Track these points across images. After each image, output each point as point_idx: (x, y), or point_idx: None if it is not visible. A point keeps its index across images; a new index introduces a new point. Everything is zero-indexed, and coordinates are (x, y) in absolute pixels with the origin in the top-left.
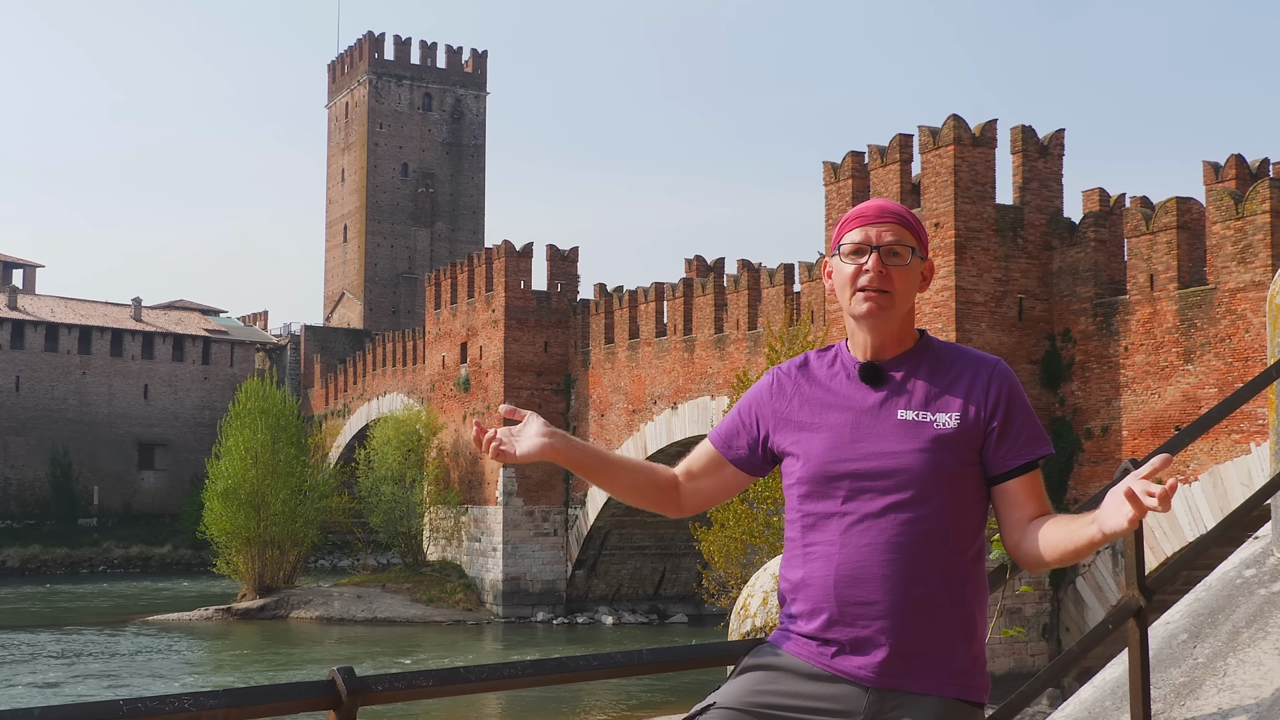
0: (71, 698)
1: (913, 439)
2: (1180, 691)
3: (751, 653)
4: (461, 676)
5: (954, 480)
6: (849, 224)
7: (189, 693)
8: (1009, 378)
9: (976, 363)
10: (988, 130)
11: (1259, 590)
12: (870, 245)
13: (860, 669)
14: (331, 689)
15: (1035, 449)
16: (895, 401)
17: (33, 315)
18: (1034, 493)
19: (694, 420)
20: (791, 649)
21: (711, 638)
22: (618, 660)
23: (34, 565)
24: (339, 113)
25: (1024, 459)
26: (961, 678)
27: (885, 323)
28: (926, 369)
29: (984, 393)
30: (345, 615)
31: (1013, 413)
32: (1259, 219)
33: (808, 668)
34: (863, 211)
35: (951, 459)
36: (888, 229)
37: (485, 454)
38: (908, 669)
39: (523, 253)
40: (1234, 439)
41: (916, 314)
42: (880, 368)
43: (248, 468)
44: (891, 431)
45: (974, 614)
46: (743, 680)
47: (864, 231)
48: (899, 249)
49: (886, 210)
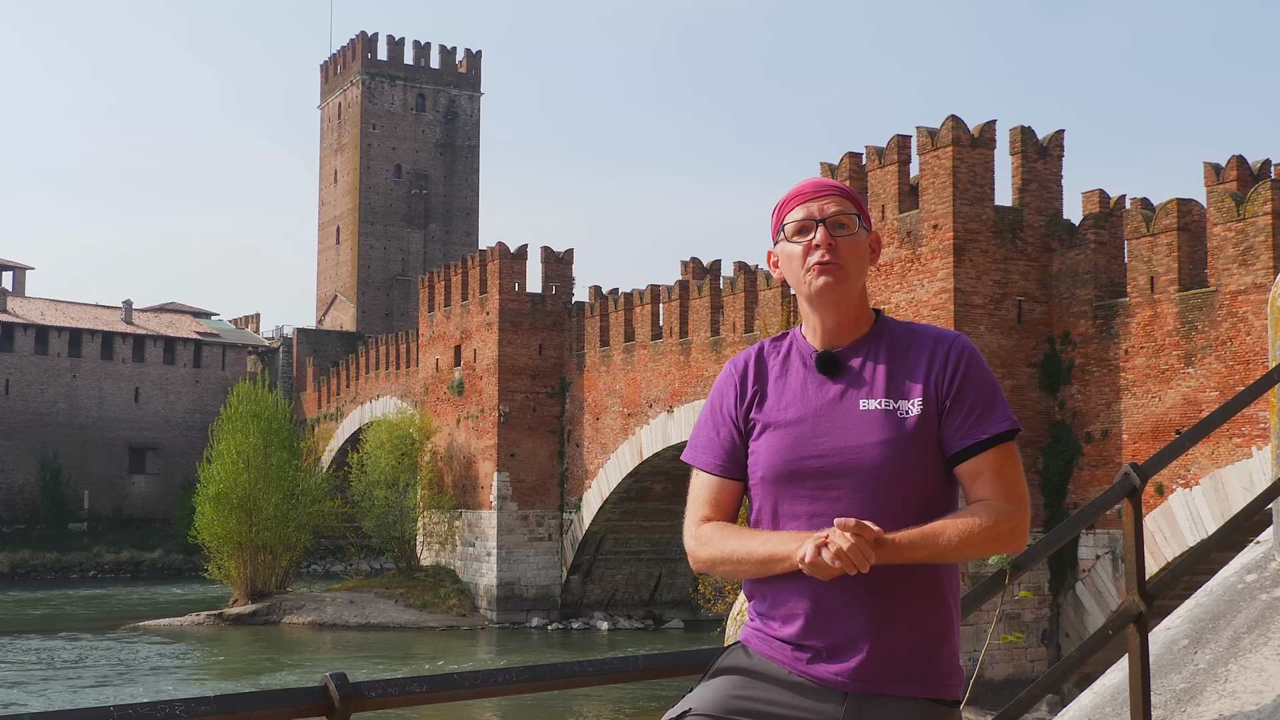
0: (62, 704)
1: (876, 430)
2: (1181, 698)
3: (725, 654)
4: (455, 682)
5: (922, 471)
6: (789, 204)
7: (180, 699)
8: (968, 350)
9: (935, 341)
10: (986, 131)
11: (1260, 595)
12: (815, 219)
13: (837, 675)
14: (325, 695)
15: (986, 428)
16: (855, 392)
17: (22, 318)
18: (985, 475)
19: (690, 424)
20: (765, 651)
21: (707, 643)
22: (613, 666)
23: (24, 570)
24: (332, 113)
25: (973, 438)
26: (941, 679)
27: (842, 298)
28: (885, 353)
29: (941, 369)
30: (338, 621)
31: (966, 388)
32: (1260, 220)
33: (783, 674)
34: (800, 190)
35: (917, 448)
36: (829, 201)
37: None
38: (885, 673)
39: (517, 255)
40: (1235, 443)
41: (916, 318)
42: (838, 357)
43: (240, 472)
44: (854, 425)
45: (951, 613)
46: (718, 684)
47: (805, 208)
48: (844, 219)
49: (824, 185)
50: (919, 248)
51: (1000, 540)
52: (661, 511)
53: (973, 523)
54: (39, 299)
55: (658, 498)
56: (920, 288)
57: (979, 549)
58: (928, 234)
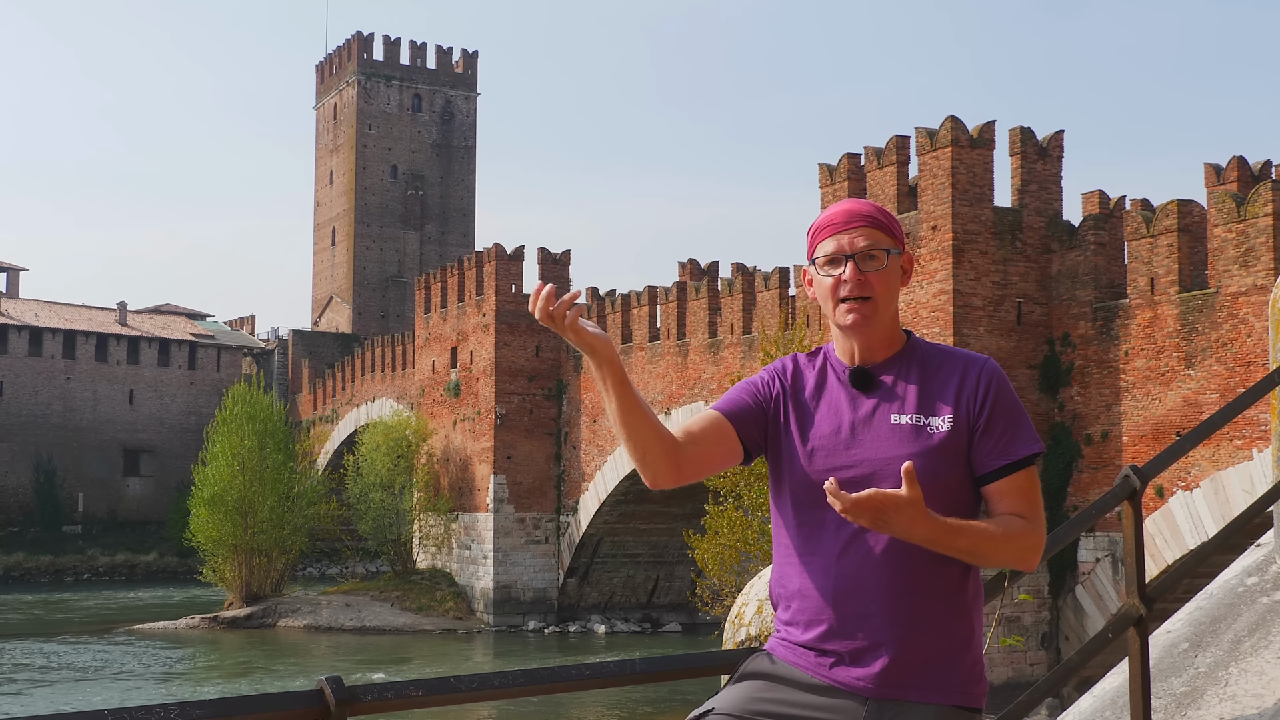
0: (55, 708)
1: (907, 444)
2: (1181, 701)
3: (749, 660)
4: (452, 686)
5: (949, 485)
6: (820, 234)
7: (175, 702)
8: (997, 376)
9: (965, 362)
10: (986, 132)
11: (1261, 598)
12: (844, 254)
13: (859, 680)
14: (320, 699)
15: (1016, 449)
16: (887, 406)
17: (16, 319)
18: (1012, 494)
19: None
20: (788, 658)
21: (705, 647)
22: (610, 670)
23: (18, 573)
24: (327, 114)
25: (1005, 460)
26: (963, 685)
27: (872, 329)
28: (916, 372)
29: (973, 392)
30: (333, 624)
31: (997, 412)
32: (1261, 222)
33: (806, 678)
34: (831, 219)
35: (946, 464)
36: (859, 234)
37: (550, 309)
38: (907, 679)
39: (514, 256)
40: (1236, 445)
41: (915, 320)
42: (870, 373)
43: (235, 474)
44: (885, 438)
45: (972, 620)
46: (741, 688)
47: (836, 241)
48: (874, 253)
49: (855, 214)
50: (918, 249)
51: (1025, 554)
52: (659, 514)
53: (1009, 530)
54: (33, 300)
55: (655, 500)
56: (919, 289)
57: (1009, 556)
58: (926, 235)
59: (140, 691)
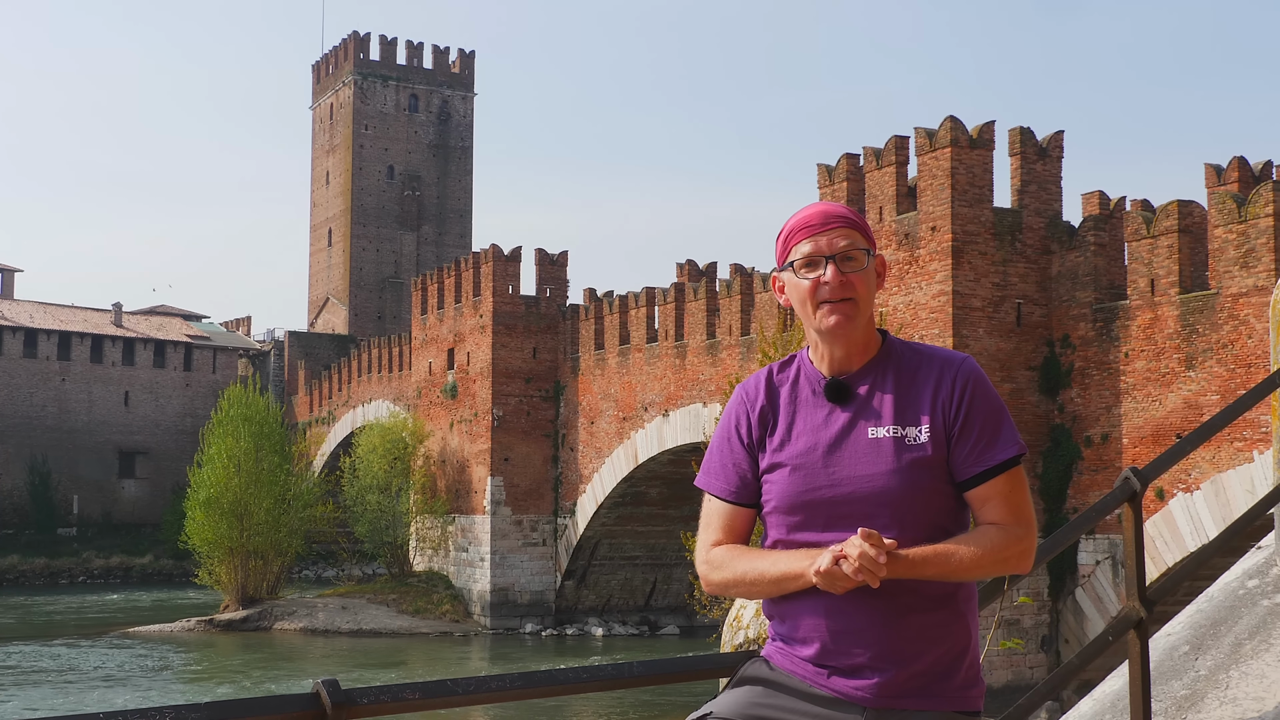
0: (51, 711)
1: (886, 459)
2: (1182, 704)
3: (747, 665)
4: (449, 689)
5: (932, 495)
6: (795, 235)
7: (170, 705)
8: (974, 377)
9: (942, 365)
10: (985, 132)
11: (1262, 601)
12: (824, 255)
13: (857, 690)
14: (316, 702)
15: (994, 454)
16: (864, 420)
17: (11, 321)
18: (994, 500)
19: (686, 428)
20: (786, 666)
21: (703, 650)
22: (608, 673)
23: (12, 576)
24: (323, 114)
25: (982, 466)
26: (960, 690)
27: (853, 331)
28: (893, 379)
29: (949, 397)
30: (330, 627)
31: (974, 416)
32: (1262, 222)
33: (804, 687)
34: (807, 220)
35: (926, 475)
36: (839, 234)
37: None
38: (905, 689)
39: (511, 257)
40: (1236, 447)
41: (914, 321)
42: (846, 385)
43: (230, 476)
44: (864, 453)
45: (968, 625)
46: (740, 693)
47: (814, 242)
48: (854, 253)
49: (831, 215)
50: (917, 250)
51: (1009, 563)
52: (657, 516)
53: (983, 545)
54: (27, 302)
55: (653, 503)
56: (918, 290)
57: (988, 570)
58: (926, 236)
59: (135, 695)
